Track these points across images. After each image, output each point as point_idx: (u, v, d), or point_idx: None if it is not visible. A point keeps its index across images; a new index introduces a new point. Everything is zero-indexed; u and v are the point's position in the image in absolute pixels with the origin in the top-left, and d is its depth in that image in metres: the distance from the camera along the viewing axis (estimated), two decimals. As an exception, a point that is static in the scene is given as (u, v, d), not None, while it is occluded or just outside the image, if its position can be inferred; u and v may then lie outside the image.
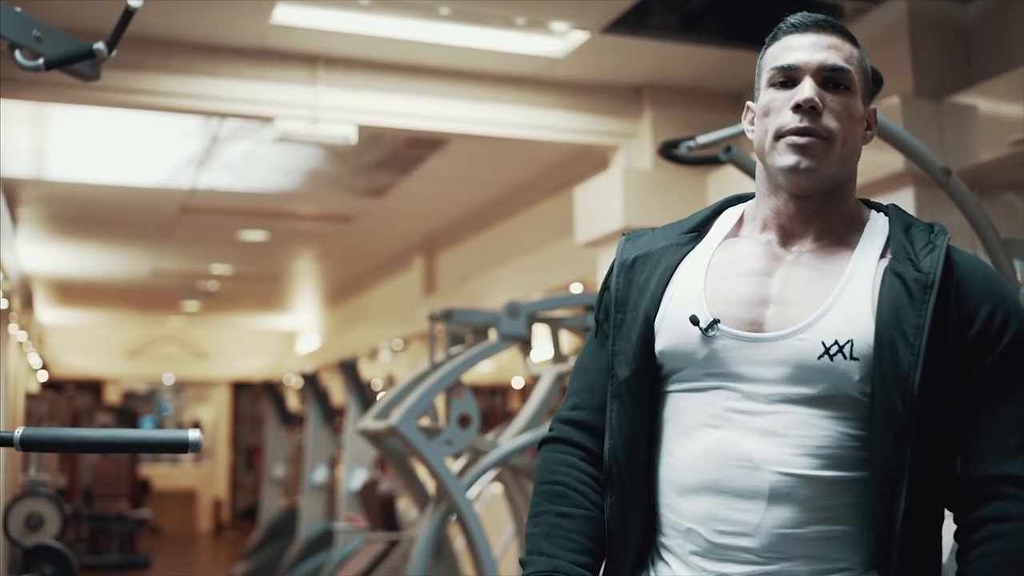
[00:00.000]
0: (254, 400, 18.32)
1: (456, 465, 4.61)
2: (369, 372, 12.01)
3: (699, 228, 1.82)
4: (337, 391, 11.56)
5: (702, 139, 3.54)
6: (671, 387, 1.72)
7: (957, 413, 1.61)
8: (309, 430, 9.24)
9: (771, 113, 1.70)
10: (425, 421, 4.47)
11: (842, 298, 1.62)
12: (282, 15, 5.18)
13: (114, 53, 2.79)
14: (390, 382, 11.79)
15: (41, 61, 2.77)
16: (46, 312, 15.32)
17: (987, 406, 1.60)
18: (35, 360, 13.80)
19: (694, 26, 5.58)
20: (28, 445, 1.73)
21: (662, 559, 1.70)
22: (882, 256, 1.67)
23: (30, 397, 13.31)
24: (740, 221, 1.80)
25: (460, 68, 5.87)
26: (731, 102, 6.20)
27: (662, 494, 1.70)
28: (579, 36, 5.43)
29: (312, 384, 9.34)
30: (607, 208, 5.99)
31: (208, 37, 5.47)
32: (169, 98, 5.56)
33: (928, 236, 1.67)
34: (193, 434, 1.76)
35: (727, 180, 5.44)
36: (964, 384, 1.60)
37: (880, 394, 1.56)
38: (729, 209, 1.85)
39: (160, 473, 17.77)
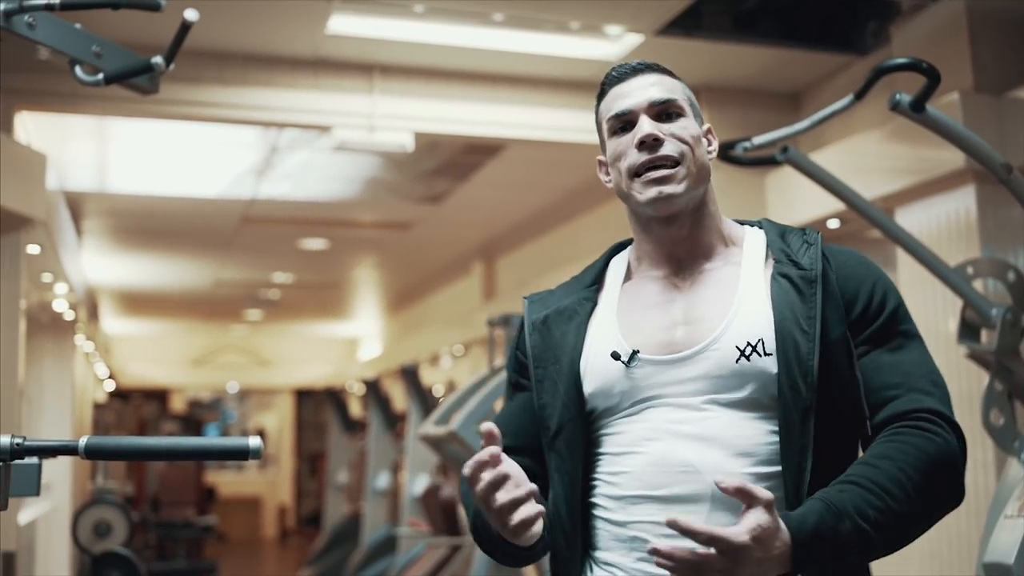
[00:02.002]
0: (317, 407, 18.45)
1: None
2: (430, 378, 12.05)
3: (596, 280, 1.95)
4: (399, 397, 11.60)
5: (758, 140, 3.52)
6: (604, 422, 1.81)
7: (863, 380, 1.74)
8: (371, 436, 9.30)
9: (620, 157, 1.85)
10: (485, 426, 4.48)
11: (743, 306, 1.76)
12: (337, 25, 5.22)
13: (172, 67, 2.83)
14: (451, 388, 11.82)
15: (101, 76, 2.82)
16: (112, 323, 15.51)
17: (888, 360, 1.75)
18: (102, 370, 14.00)
19: (748, 26, 5.55)
20: (92, 454, 1.76)
21: (604, 570, 1.76)
22: (766, 264, 1.82)
23: (97, 407, 13.52)
24: (629, 267, 1.93)
25: (515, 74, 5.88)
26: (787, 102, 6.15)
27: (600, 512, 1.78)
28: (633, 39, 5.42)
29: (374, 390, 9.39)
30: (664, 211, 5.96)
31: (264, 48, 5.52)
32: (227, 109, 5.62)
33: (802, 238, 1.83)
34: (253, 441, 1.78)
35: (785, 180, 5.41)
36: (863, 352, 1.75)
37: (786, 380, 1.68)
38: (615, 258, 1.98)
39: (226, 480, 17.94)
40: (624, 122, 1.85)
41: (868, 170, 4.87)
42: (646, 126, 1.80)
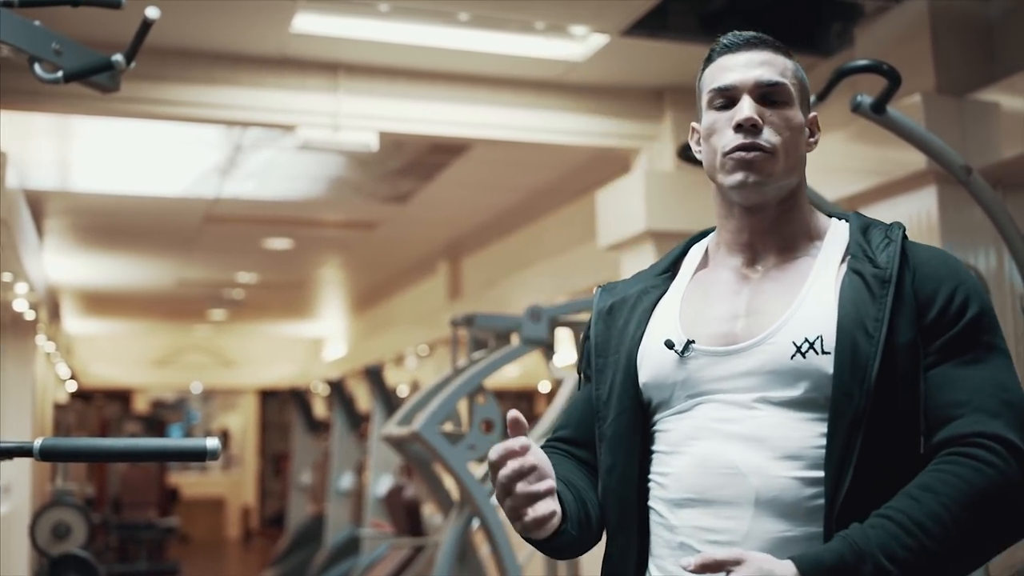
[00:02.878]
0: (281, 407, 18.38)
1: (480, 470, 4.61)
2: (395, 378, 12.03)
3: (671, 268, 1.89)
4: (363, 398, 11.58)
5: (721, 141, 3.52)
6: (658, 417, 1.75)
7: (926, 394, 1.61)
8: (335, 437, 9.26)
9: (715, 134, 1.76)
10: (448, 427, 4.47)
11: (807, 301, 1.66)
12: (302, 24, 5.19)
13: (133, 65, 2.81)
14: (416, 388, 11.80)
15: (60, 74, 2.79)
16: (74, 323, 15.39)
17: (958, 375, 1.61)
18: (63, 371, 13.89)
19: (714, 27, 5.56)
20: (48, 455, 1.74)
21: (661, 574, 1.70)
22: (843, 259, 1.71)
23: (59, 407, 13.40)
24: (707, 253, 1.87)
25: (480, 73, 5.87)
26: (752, 103, 6.17)
27: (654, 515, 1.72)
28: (599, 39, 5.42)
29: (338, 391, 9.36)
30: (629, 211, 5.98)
31: (228, 47, 5.49)
32: (190, 108, 5.58)
33: (884, 233, 1.72)
34: (211, 442, 1.77)
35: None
36: (932, 363, 1.61)
37: (838, 383, 1.58)
38: (695, 246, 1.92)
39: (189, 481, 17.84)
40: (726, 97, 1.75)
41: (831, 171, 4.89)
42: (746, 108, 1.72)
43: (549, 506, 1.57)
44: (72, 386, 15.38)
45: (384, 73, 5.77)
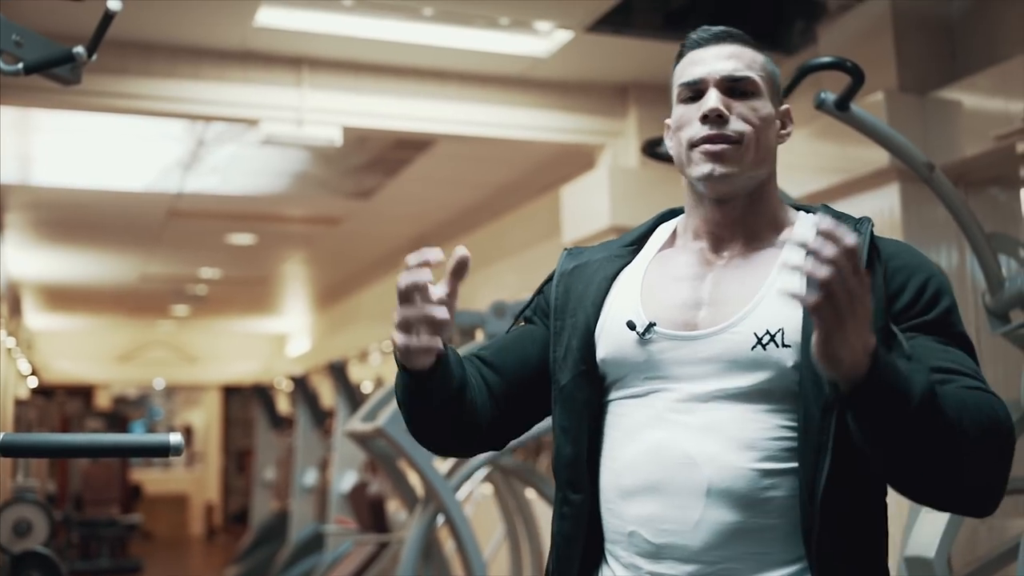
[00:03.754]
0: (245, 404, 18.28)
1: (444, 466, 4.61)
2: (360, 374, 11.99)
3: (637, 242, 1.90)
4: (327, 394, 11.54)
5: (686, 137, 3.53)
6: (612, 395, 1.75)
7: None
8: (299, 433, 9.23)
9: (683, 127, 1.78)
10: (413, 422, 4.46)
11: (771, 292, 1.66)
12: (265, 17, 5.17)
13: (94, 57, 2.78)
14: (380, 384, 11.78)
15: (20, 66, 2.76)
16: (35, 318, 15.28)
17: (939, 348, 1.61)
18: (24, 366, 13.78)
19: (678, 24, 5.58)
20: (8, 451, 1.73)
21: (607, 564, 1.71)
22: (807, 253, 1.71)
23: (19, 403, 13.29)
24: (674, 234, 1.87)
25: (445, 69, 5.87)
26: (716, 100, 6.19)
27: (605, 499, 1.71)
28: (563, 35, 5.43)
29: (301, 387, 9.33)
30: (594, 207, 5.99)
31: (191, 40, 5.46)
32: (153, 102, 5.55)
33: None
34: (174, 437, 1.76)
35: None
36: (910, 337, 1.61)
37: (808, 373, 1.57)
38: (664, 224, 1.93)
39: (151, 478, 17.74)
40: (694, 91, 1.78)
41: (794, 168, 4.91)
42: (712, 99, 1.73)
43: (431, 339, 1.59)
44: (33, 382, 15.25)
45: (348, 68, 5.76)
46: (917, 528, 3.17)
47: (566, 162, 7.19)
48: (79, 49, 2.75)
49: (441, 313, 1.58)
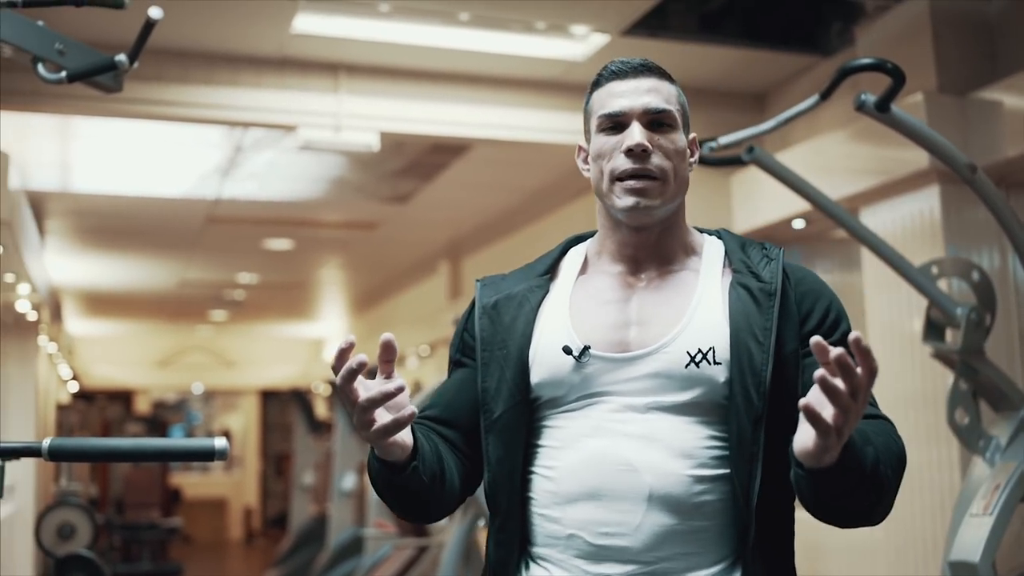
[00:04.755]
0: (283, 408, 18.38)
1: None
2: (396, 378, 12.00)
3: (550, 270, 1.96)
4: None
5: (724, 140, 3.53)
6: (547, 413, 1.82)
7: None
8: (337, 437, 9.26)
9: (603, 157, 1.84)
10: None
11: (697, 313, 1.78)
12: (302, 24, 5.20)
13: (136, 65, 2.81)
14: (417, 388, 11.80)
15: (64, 74, 2.80)
16: (76, 323, 15.39)
17: None
18: (66, 371, 13.90)
19: (713, 27, 5.57)
20: (56, 455, 1.75)
21: (541, 568, 1.77)
22: (723, 272, 1.85)
23: (61, 408, 13.43)
24: (586, 259, 1.95)
25: (481, 73, 5.88)
26: (752, 102, 6.18)
27: (537, 508, 1.79)
28: (599, 39, 5.43)
29: (340, 391, 9.34)
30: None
31: (229, 47, 5.49)
32: (191, 109, 5.58)
33: (762, 252, 1.85)
34: (219, 442, 1.78)
35: (751, 180, 5.43)
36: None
37: (738, 388, 1.71)
38: (572, 249, 2.00)
39: (191, 482, 17.84)
40: (615, 122, 1.83)
41: (833, 170, 4.89)
42: (637, 135, 1.80)
43: (388, 416, 1.63)
44: (74, 387, 15.39)
45: (385, 73, 5.78)
46: (961, 533, 3.15)
47: (602, 165, 7.17)
48: (121, 57, 2.77)
49: (395, 383, 1.64)
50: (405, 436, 1.69)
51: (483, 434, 1.85)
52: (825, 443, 1.47)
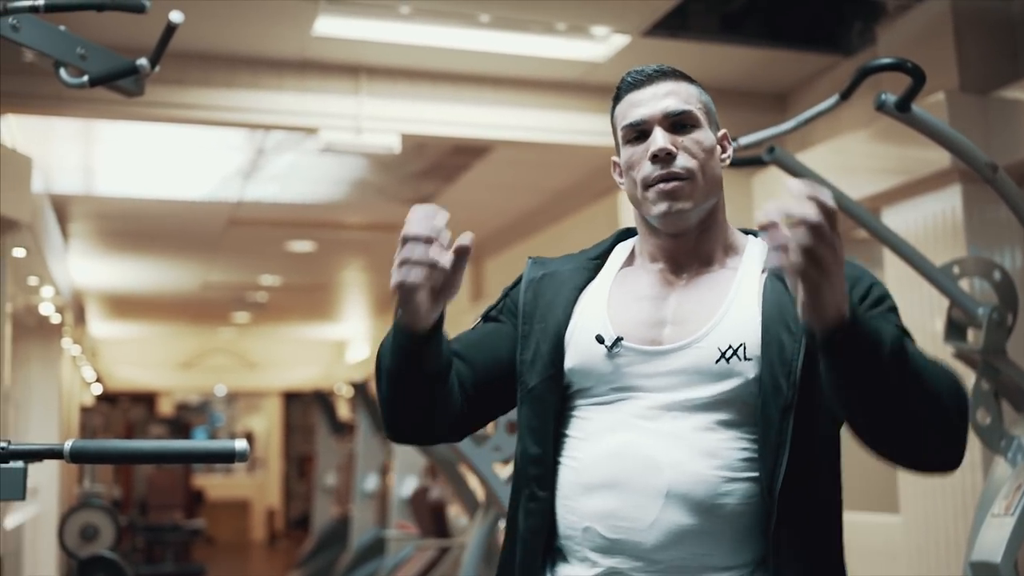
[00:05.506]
0: (305, 410, 18.41)
1: (505, 471, 4.62)
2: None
3: (601, 257, 1.98)
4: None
5: (745, 140, 3.53)
6: (577, 402, 1.83)
7: None
8: (360, 439, 9.27)
9: (633, 167, 1.85)
10: (473, 428, 4.47)
11: (732, 309, 1.77)
12: (323, 26, 5.21)
13: (157, 68, 2.83)
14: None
15: (86, 78, 2.81)
16: (99, 326, 15.46)
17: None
18: (89, 373, 13.97)
19: (735, 27, 5.56)
20: (78, 457, 1.76)
21: (563, 559, 1.78)
22: (763, 271, 1.82)
23: (84, 410, 13.49)
24: (632, 253, 1.96)
25: (502, 75, 5.88)
26: (773, 102, 6.16)
27: (562, 496, 1.79)
28: (620, 40, 5.42)
29: (362, 393, 9.37)
30: (652, 211, 5.96)
31: (250, 50, 5.51)
32: (213, 111, 5.61)
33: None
34: (240, 444, 1.79)
35: (771, 180, 5.42)
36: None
37: (767, 377, 1.69)
38: (622, 243, 2.01)
39: (214, 483, 17.90)
40: (638, 131, 1.84)
41: (854, 170, 4.88)
42: (659, 139, 1.80)
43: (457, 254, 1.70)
44: (97, 389, 15.47)
45: (406, 75, 5.79)
46: (983, 533, 3.14)
47: (623, 166, 7.17)
48: (142, 61, 2.79)
49: (444, 259, 1.69)
50: (435, 305, 1.73)
51: (518, 404, 1.87)
52: (811, 285, 1.47)
